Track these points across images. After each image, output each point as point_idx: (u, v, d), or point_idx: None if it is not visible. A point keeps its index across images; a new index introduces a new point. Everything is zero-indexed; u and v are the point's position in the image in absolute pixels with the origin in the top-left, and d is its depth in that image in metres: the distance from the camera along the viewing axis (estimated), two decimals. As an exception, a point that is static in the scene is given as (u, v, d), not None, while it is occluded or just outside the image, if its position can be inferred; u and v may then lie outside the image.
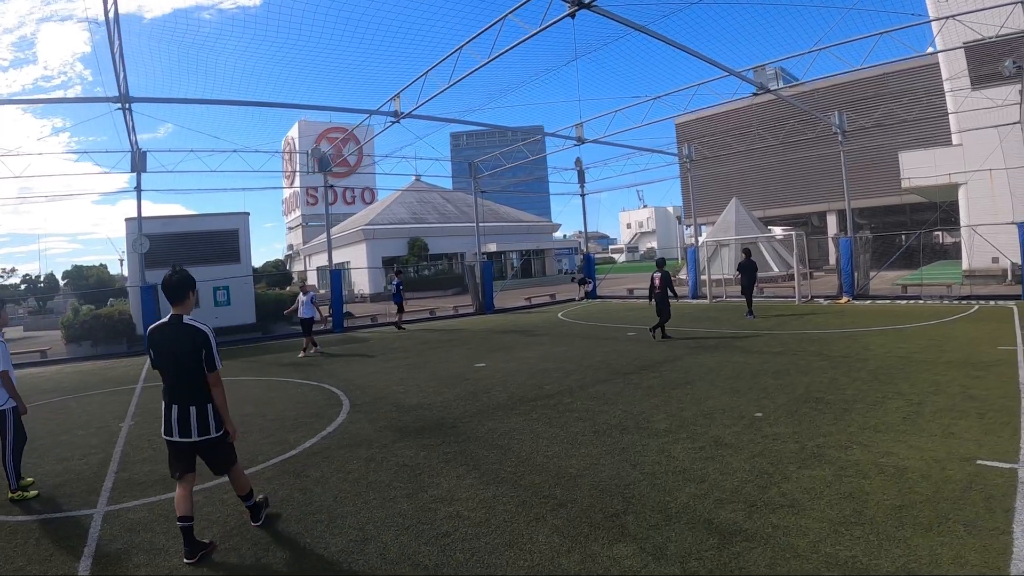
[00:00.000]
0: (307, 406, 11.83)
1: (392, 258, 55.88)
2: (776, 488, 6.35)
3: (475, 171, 34.78)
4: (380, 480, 7.21)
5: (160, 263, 23.98)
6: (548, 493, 6.49)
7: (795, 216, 51.99)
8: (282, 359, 19.28)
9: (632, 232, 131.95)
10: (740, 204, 40.93)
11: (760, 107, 43.19)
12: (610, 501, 6.19)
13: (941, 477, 6.34)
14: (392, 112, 22.73)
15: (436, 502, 6.42)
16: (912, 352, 13.37)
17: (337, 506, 6.51)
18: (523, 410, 10.36)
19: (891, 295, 25.14)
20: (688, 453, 7.60)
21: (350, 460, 8.09)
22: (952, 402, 9.13)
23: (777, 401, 10.06)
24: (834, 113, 27.35)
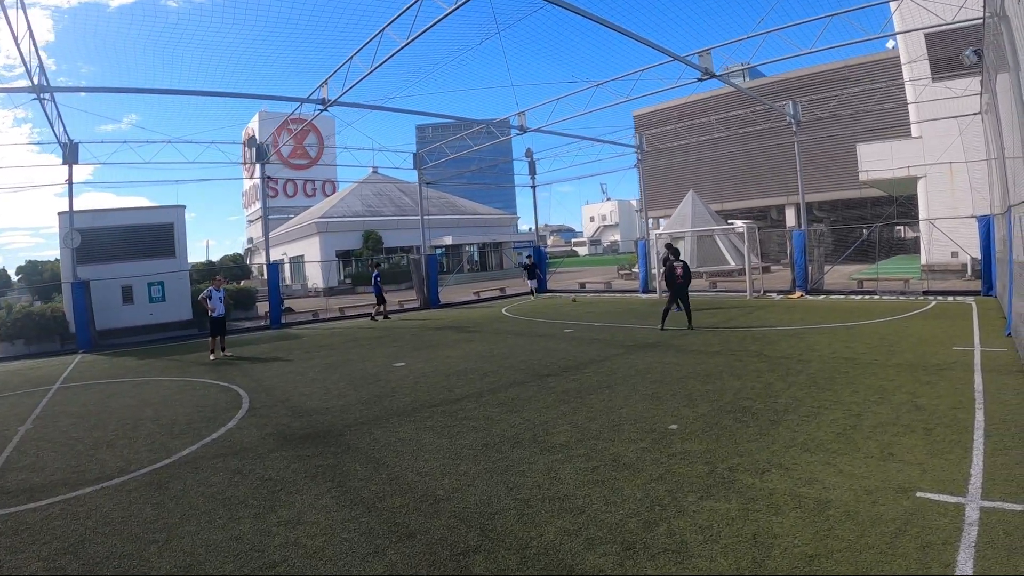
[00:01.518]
0: (205, 410, 11.38)
1: (346, 251, 54.67)
2: (666, 525, 5.35)
3: (420, 162, 33.39)
4: (236, 496, 6.76)
5: (93, 258, 23.53)
6: (402, 520, 5.81)
7: (754, 209, 51.24)
8: (205, 357, 18.24)
9: (595, 225, 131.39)
10: (697, 197, 40.09)
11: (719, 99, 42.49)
12: (466, 534, 5.42)
13: (870, 516, 5.16)
14: (320, 99, 21.72)
15: (280, 525, 5.89)
16: (859, 353, 12.26)
17: (181, 525, 6.09)
18: (420, 417, 9.71)
19: (846, 290, 24.20)
20: (577, 475, 6.70)
21: (217, 472, 7.65)
22: (896, 414, 7.97)
23: (699, 410, 8.91)
24: (788, 103, 26.50)
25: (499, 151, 50.62)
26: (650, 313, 21.45)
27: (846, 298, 22.45)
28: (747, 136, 34.16)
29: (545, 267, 37.53)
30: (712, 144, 36.99)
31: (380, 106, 24.75)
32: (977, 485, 5.59)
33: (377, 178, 59.02)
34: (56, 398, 13.58)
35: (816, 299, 22.69)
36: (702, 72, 19.93)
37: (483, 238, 62.87)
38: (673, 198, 47.81)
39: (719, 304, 23.24)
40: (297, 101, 22.99)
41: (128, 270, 24.51)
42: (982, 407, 8.00)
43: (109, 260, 24.18)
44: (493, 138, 31.89)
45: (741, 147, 38.66)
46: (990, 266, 20.32)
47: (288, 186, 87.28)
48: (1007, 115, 13.19)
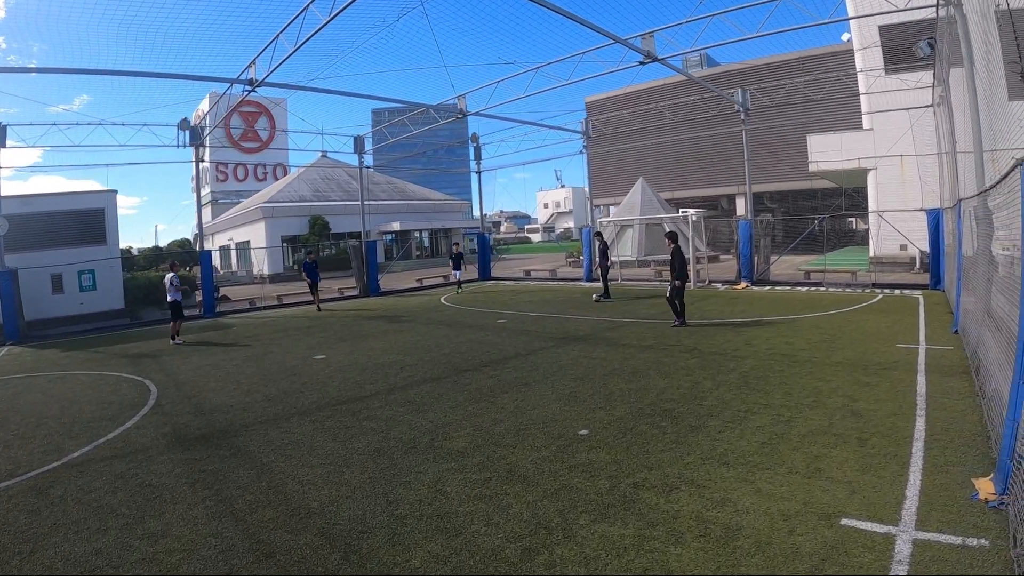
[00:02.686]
0: (110, 407, 10.81)
1: (292, 237, 53.23)
2: (547, 554, 4.72)
3: (360, 146, 32.26)
4: (111, 504, 6.33)
5: (20, 246, 22.52)
6: (266, 537, 5.34)
7: (705, 198, 50.95)
8: (130, 349, 17.45)
9: (549, 212, 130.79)
10: (647, 185, 39.55)
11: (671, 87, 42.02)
12: (328, 556, 4.93)
13: (783, 549, 4.41)
14: (248, 80, 20.66)
15: (144, 538, 5.49)
16: (798, 349, 11.60)
17: (49, 535, 5.70)
18: (321, 416, 9.22)
19: (792, 281, 23.77)
20: (466, 488, 6.13)
21: (101, 476, 7.21)
22: (830, 420, 7.27)
23: (615, 413, 8.17)
24: (737, 91, 25.94)
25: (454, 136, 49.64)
26: (590, 303, 20.75)
27: (792, 290, 21.95)
28: (699, 124, 33.76)
29: (488, 254, 36.61)
30: (663, 132, 36.43)
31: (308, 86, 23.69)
32: (912, 511, 4.89)
33: (326, 162, 57.55)
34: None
35: (761, 290, 22.19)
36: (644, 55, 19.18)
37: (433, 224, 61.83)
38: (624, 186, 47.22)
39: (661, 294, 22.52)
40: (227, 82, 21.93)
41: (58, 258, 23.45)
42: (923, 414, 7.34)
43: (38, 248, 23.09)
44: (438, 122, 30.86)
45: (693, 135, 38.27)
46: (938, 260, 20.01)
47: (239, 170, 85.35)
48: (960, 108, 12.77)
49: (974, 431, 6.62)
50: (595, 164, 42.49)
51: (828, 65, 36.90)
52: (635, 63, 19.99)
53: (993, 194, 7.90)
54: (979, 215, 10.06)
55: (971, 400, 7.75)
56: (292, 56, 17.98)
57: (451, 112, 28.18)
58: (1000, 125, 8.49)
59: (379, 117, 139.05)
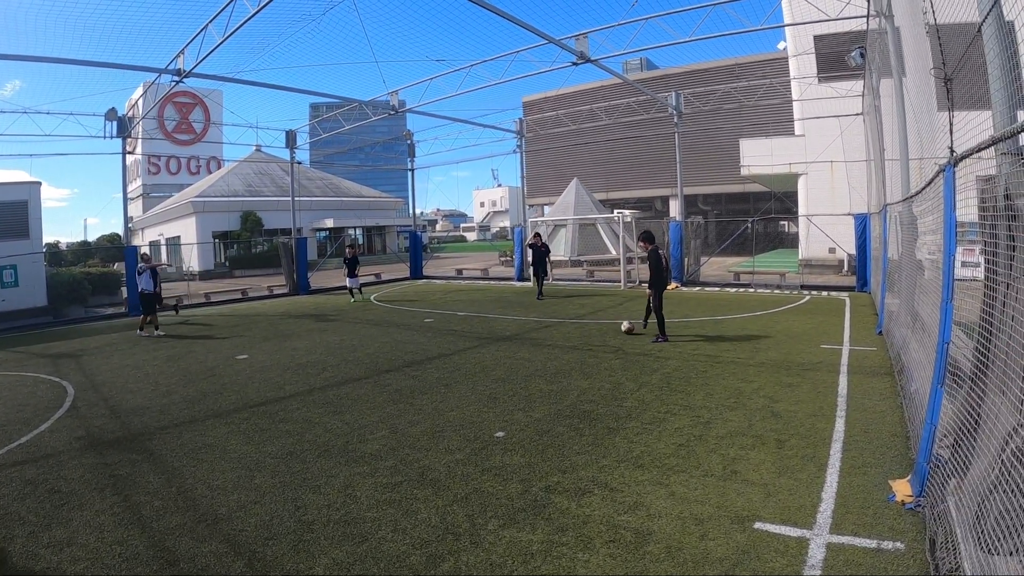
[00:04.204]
0: (25, 409, 10.40)
1: (224, 233, 51.92)
2: (452, 560, 4.62)
3: (292, 141, 31.60)
4: (18, 512, 6.13)
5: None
6: (171, 544, 5.20)
7: (639, 200, 51.42)
8: (51, 349, 16.75)
9: (486, 211, 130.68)
10: (581, 185, 39.74)
11: (607, 89, 42.17)
12: (231, 564, 4.83)
13: (695, 554, 4.32)
14: (176, 70, 20.09)
15: (49, 547, 5.31)
16: (723, 350, 11.66)
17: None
18: (237, 419, 8.99)
19: (722, 282, 24.14)
20: (376, 492, 6.00)
21: (11, 482, 6.96)
22: (749, 422, 7.23)
23: (534, 414, 8.04)
24: (671, 94, 26.14)
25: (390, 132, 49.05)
26: (519, 303, 20.66)
27: (721, 291, 22.22)
28: (634, 127, 33.99)
29: (420, 252, 36.28)
30: (598, 133, 36.59)
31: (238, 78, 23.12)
32: (827, 514, 4.85)
33: (260, 157, 56.24)
34: None
35: (691, 291, 22.41)
36: (578, 56, 19.15)
37: (366, 221, 61.08)
38: (558, 186, 47.37)
39: (591, 293, 22.73)
40: (156, 71, 21.17)
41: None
42: (843, 415, 7.37)
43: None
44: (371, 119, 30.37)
45: (627, 137, 38.51)
46: (865, 263, 20.52)
47: (171, 163, 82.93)
48: (889, 117, 13.02)
49: (893, 432, 6.66)
50: (530, 164, 42.48)
51: (763, 72, 37.59)
52: (568, 63, 19.97)
53: (919, 199, 7.99)
54: (904, 220, 10.23)
55: (892, 401, 7.84)
56: (223, 47, 17.60)
57: (384, 108, 27.76)
58: (927, 133, 8.62)
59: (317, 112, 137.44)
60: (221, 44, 17.43)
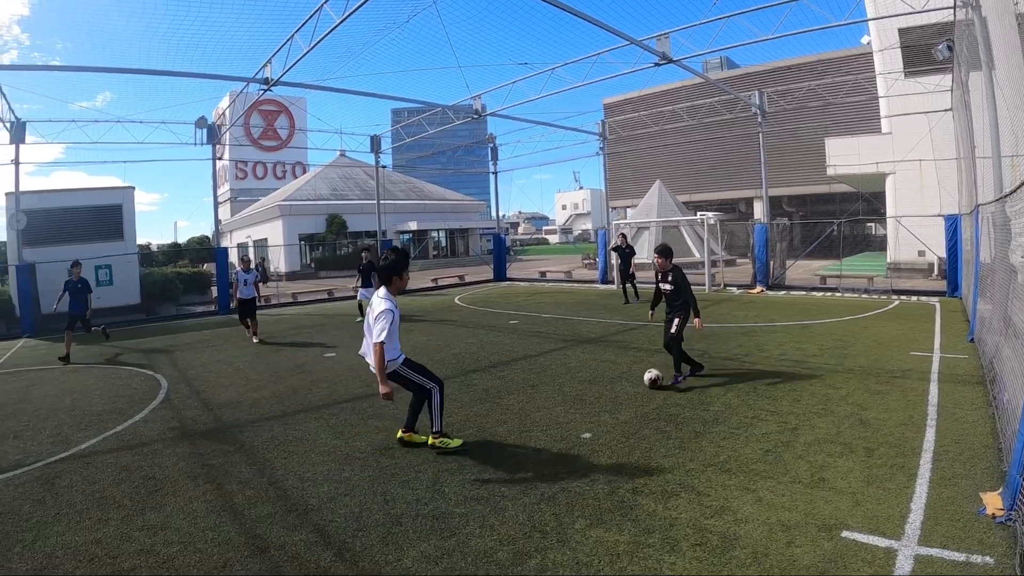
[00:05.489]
0: (120, 400, 10.87)
1: (309, 235, 53.37)
2: (539, 558, 4.63)
3: (377, 145, 32.28)
4: (114, 496, 6.40)
5: (39, 240, 22.89)
6: (262, 532, 5.35)
7: (723, 201, 50.55)
8: (144, 344, 17.54)
9: (568, 213, 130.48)
10: (664, 187, 39.28)
11: (689, 89, 41.69)
12: (320, 553, 4.90)
13: (781, 560, 4.29)
14: (264, 79, 20.88)
15: (143, 530, 5.54)
16: (810, 355, 11.42)
17: (52, 524, 5.79)
18: (327, 414, 9.19)
19: (808, 286, 23.50)
20: (464, 488, 6.06)
21: (107, 468, 7.27)
22: (837, 429, 7.09)
23: (620, 416, 8.06)
24: (754, 93, 25.62)
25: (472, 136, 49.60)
26: (602, 306, 20.64)
27: (807, 295, 21.68)
28: (717, 127, 33.40)
29: (504, 255, 36.51)
30: (681, 134, 36.12)
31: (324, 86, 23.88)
32: (916, 525, 4.73)
33: (345, 161, 57.54)
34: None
35: (776, 295, 21.95)
36: (659, 57, 18.99)
37: (450, 224, 61.78)
38: (641, 188, 46.88)
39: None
40: (244, 81, 22.15)
41: (75, 253, 23.29)
42: (934, 424, 7.15)
43: (56, 242, 23.26)
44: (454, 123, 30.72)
45: (710, 138, 37.94)
46: (956, 267, 19.69)
47: (258, 168, 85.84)
48: (979, 112, 12.53)
49: (985, 443, 6.43)
50: (613, 166, 42.14)
51: (847, 68, 36.52)
52: (650, 64, 19.84)
53: (1012, 200, 7.71)
54: (997, 221, 9.86)
55: (984, 411, 7.55)
56: (308, 56, 18.07)
57: (467, 112, 28.09)
58: (1021, 129, 8.29)
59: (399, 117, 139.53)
60: (307, 53, 17.90)
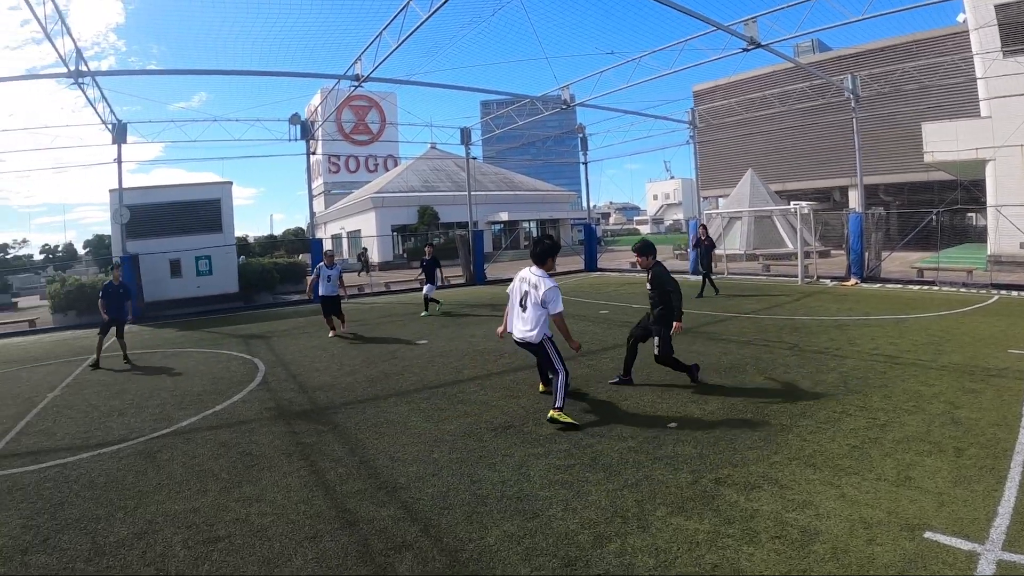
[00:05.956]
0: (219, 382, 11.49)
1: (402, 226, 54.40)
2: (619, 542, 4.69)
3: (467, 138, 32.60)
4: (213, 469, 6.83)
5: (142, 233, 24.05)
6: (352, 507, 5.60)
7: (817, 190, 48.72)
8: (242, 330, 18.36)
9: (659, 203, 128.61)
10: (755, 176, 38.35)
11: (779, 74, 40.44)
12: (407, 528, 5.11)
13: (860, 558, 4.24)
14: (355, 76, 21.49)
15: (239, 501, 5.89)
16: (903, 351, 11.03)
17: (153, 493, 6.22)
18: (418, 398, 9.46)
19: (904, 279, 22.53)
20: (549, 472, 6.17)
21: (206, 444, 7.75)
22: (928, 427, 6.87)
23: (707, 407, 8.04)
24: (847, 77, 24.53)
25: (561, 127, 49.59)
26: (693, 297, 20.32)
27: (903, 288, 20.85)
28: (808, 113, 32.30)
29: (595, 245, 36.40)
30: (773, 121, 35.09)
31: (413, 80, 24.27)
32: (1001, 529, 4.56)
33: (435, 154, 58.41)
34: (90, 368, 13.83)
35: (871, 288, 21.19)
36: (747, 42, 18.49)
37: (540, 215, 61.80)
38: (733, 177, 45.82)
39: (767, 289, 22.02)
40: (335, 78, 22.88)
41: (176, 244, 24.95)
42: (1029, 425, 6.86)
43: (158, 235, 24.61)
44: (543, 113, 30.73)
45: (803, 124, 36.73)
46: (1062, 260, 18.56)
47: (350, 161, 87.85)
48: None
49: (1081, 447, 6.17)
50: (703, 155, 41.15)
51: (943, 48, 34.79)
52: (738, 50, 19.38)
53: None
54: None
55: (1083, 414, 7.21)
56: (396, 52, 18.57)
57: (556, 103, 28.07)
58: None
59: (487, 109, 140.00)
60: (395, 49, 18.32)
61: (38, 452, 7.91)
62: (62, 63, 17.96)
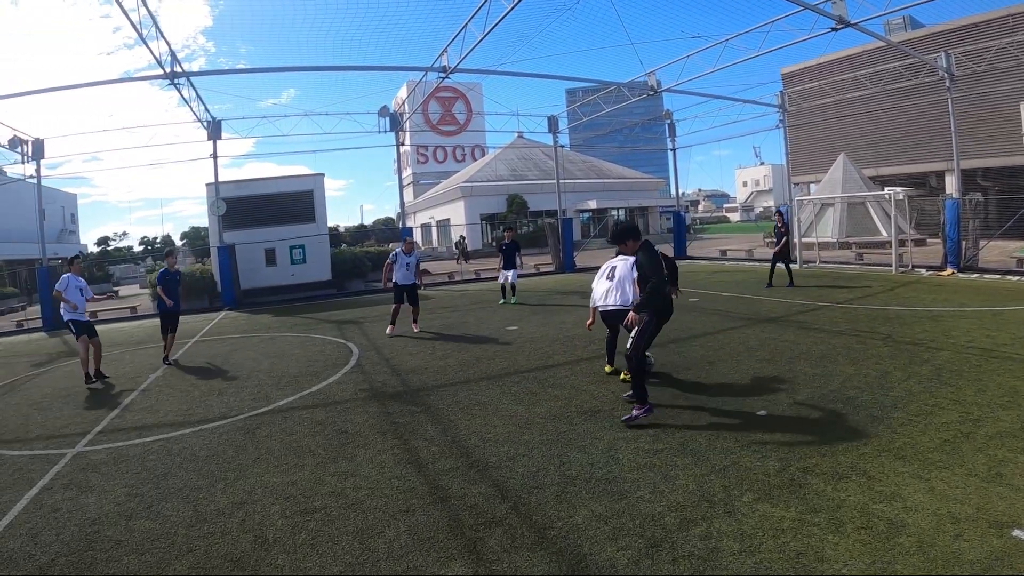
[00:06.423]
0: (315, 364, 11.93)
1: (490, 215, 54.91)
2: (705, 526, 4.76)
3: (555, 126, 32.61)
4: (308, 445, 7.17)
5: (238, 224, 25.10)
6: (444, 484, 5.85)
7: (912, 175, 46.36)
8: (335, 316, 19.04)
9: (749, 190, 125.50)
10: (848, 161, 36.90)
11: (870, 54, 38.59)
12: (498, 505, 5.31)
13: (946, 553, 4.21)
14: (441, 67, 21.84)
15: (335, 475, 6.22)
16: (1000, 344, 10.59)
17: (252, 466, 6.59)
18: (509, 382, 9.66)
19: (1003, 269, 21.40)
20: (638, 456, 6.27)
21: (303, 422, 8.11)
22: (1022, 423, 6.63)
23: (798, 396, 7.99)
24: (940, 54, 23.30)
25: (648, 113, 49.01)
26: (783, 286, 19.93)
27: (1001, 278, 19.80)
28: (902, 94, 30.75)
29: (684, 233, 36.07)
30: (865, 103, 33.63)
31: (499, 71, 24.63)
32: (1091, 529, 4.44)
33: (523, 143, 58.68)
34: (191, 350, 14.76)
35: (968, 278, 20.26)
36: (836, 20, 17.84)
37: (629, 202, 61.32)
38: (824, 162, 44.07)
39: (860, 278, 21.35)
40: (422, 70, 23.32)
41: (271, 234, 25.90)
42: None
43: (253, 225, 25.60)
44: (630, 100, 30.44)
45: (896, 106, 35.01)
46: None
47: (438, 152, 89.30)
48: None
49: None
50: (794, 139, 39.69)
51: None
52: (827, 29, 18.74)
53: None
54: None
55: None
56: (482, 43, 18.76)
57: (642, 89, 27.81)
58: None
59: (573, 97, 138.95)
60: (481, 40, 18.56)
61: (142, 427, 8.43)
62: (157, 65, 18.86)
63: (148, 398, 10.18)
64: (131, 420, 8.89)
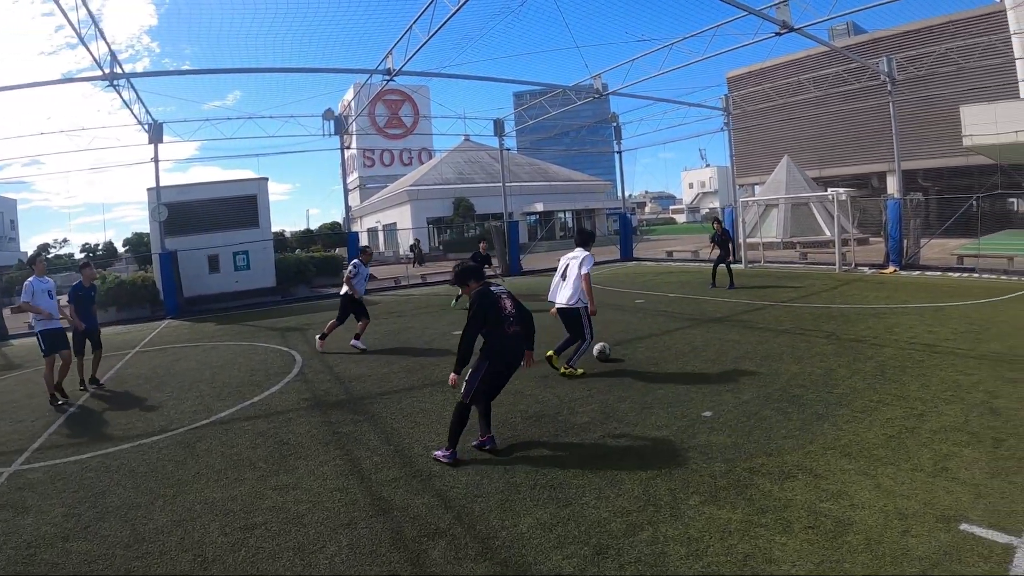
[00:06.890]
0: (257, 373, 11.68)
1: (437, 218, 54.66)
2: (651, 530, 4.73)
3: (500, 129, 32.56)
4: (250, 458, 7.01)
5: (180, 230, 24.36)
6: (387, 495, 5.74)
7: (855, 176, 47.59)
8: (279, 323, 18.66)
9: (694, 192, 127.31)
10: (791, 163, 37.62)
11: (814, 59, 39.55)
12: (441, 516, 5.24)
13: (894, 549, 4.19)
14: (386, 70, 21.51)
15: (276, 489, 6.06)
16: (942, 339, 10.81)
17: (192, 482, 6.41)
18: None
19: (943, 266, 21.90)
20: (583, 461, 6.26)
21: (244, 434, 7.93)
22: (965, 417, 6.72)
23: (743, 396, 7.98)
24: (882, 59, 23.83)
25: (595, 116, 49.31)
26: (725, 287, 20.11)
27: (943, 275, 20.30)
28: (845, 98, 31.53)
29: (630, 235, 36.21)
30: (808, 107, 34.33)
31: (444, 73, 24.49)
32: (1039, 522, 4.47)
33: (469, 146, 58.57)
34: (132, 361, 14.28)
35: (910, 275, 20.70)
36: (780, 25, 18.11)
37: (576, 205, 61.50)
38: (769, 164, 44.95)
39: (804, 277, 21.66)
40: (367, 73, 22.94)
41: (214, 240, 25.25)
42: (1071, 414, 6.69)
43: (196, 231, 24.94)
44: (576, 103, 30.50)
45: (839, 109, 35.84)
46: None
47: (384, 155, 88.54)
48: None
49: (1124, 438, 6.01)
50: (738, 142, 40.24)
51: (980, 28, 33.77)
52: (771, 34, 18.96)
53: None
54: None
55: None
56: (427, 45, 18.53)
57: (588, 92, 27.84)
58: None
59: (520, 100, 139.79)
60: (426, 43, 18.34)
61: (80, 443, 8.10)
62: (97, 66, 18.37)
63: (87, 412, 9.91)
64: (69, 436, 8.63)
